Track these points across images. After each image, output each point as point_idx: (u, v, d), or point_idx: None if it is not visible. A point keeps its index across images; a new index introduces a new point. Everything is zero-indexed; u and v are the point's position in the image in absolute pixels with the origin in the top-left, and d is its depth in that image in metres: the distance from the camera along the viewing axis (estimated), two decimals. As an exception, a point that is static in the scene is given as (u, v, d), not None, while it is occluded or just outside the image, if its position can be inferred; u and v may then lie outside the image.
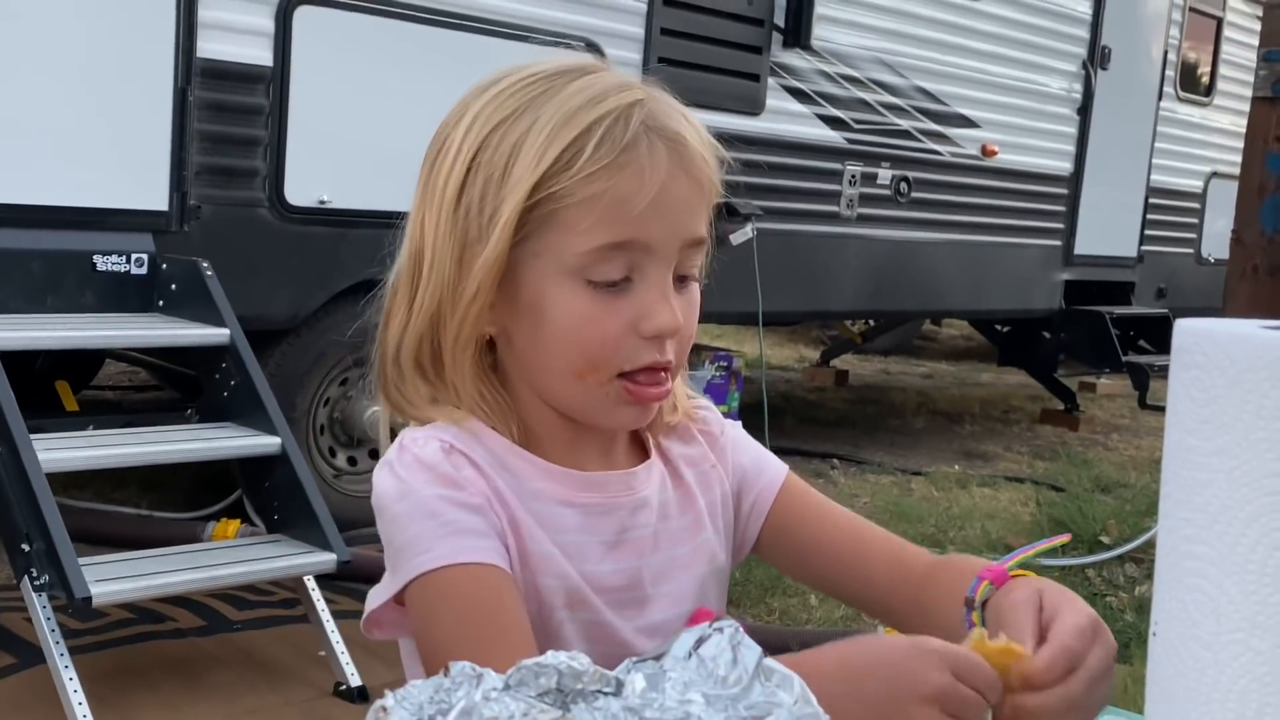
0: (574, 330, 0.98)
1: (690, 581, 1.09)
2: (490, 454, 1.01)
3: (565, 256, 0.97)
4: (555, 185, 0.96)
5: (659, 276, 0.98)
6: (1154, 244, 7.70)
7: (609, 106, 0.98)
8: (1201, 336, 0.56)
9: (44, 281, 3.53)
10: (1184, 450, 0.56)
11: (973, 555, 1.18)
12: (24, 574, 2.85)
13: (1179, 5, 7.56)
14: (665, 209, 0.97)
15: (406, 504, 0.97)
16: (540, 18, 4.59)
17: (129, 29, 3.65)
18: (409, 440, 1.01)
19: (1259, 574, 0.54)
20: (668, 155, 0.98)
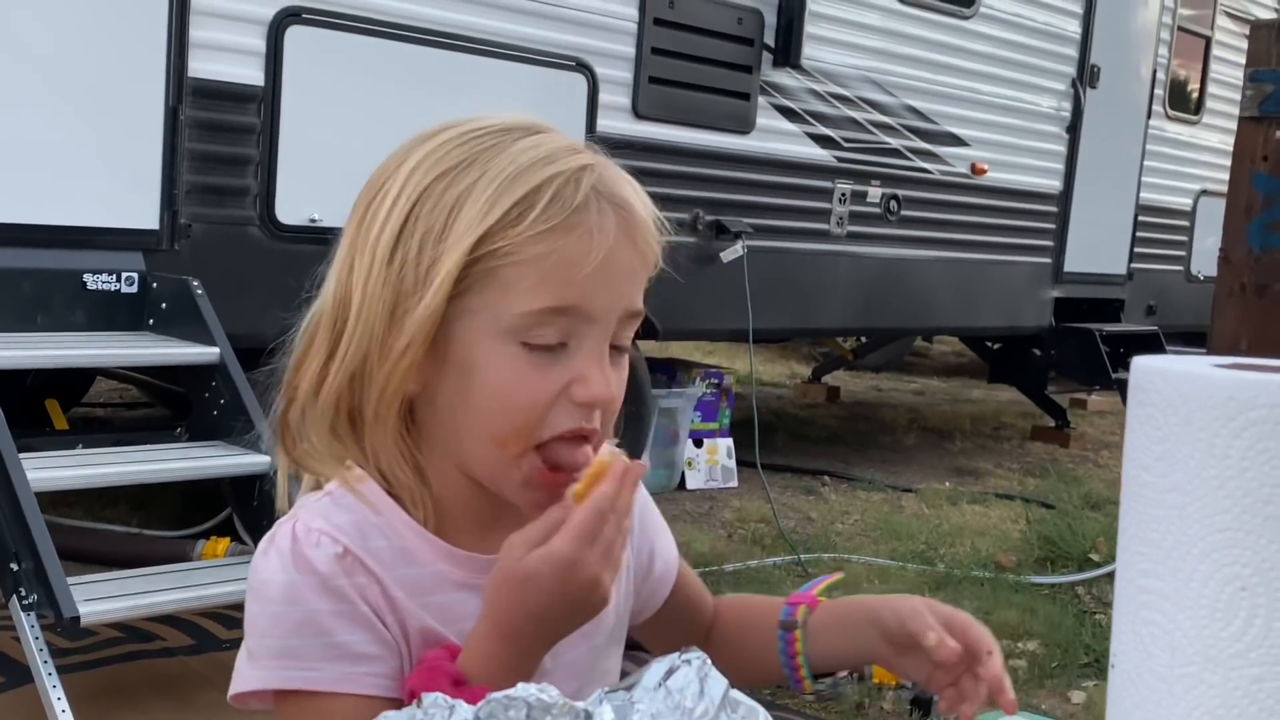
0: (503, 392, 0.94)
1: (587, 653, 1.06)
2: (388, 543, 0.98)
3: (503, 316, 0.94)
4: (500, 242, 0.93)
5: (596, 345, 0.95)
6: (1143, 261, 7.73)
7: (560, 167, 0.95)
8: (1155, 374, 0.57)
9: (34, 300, 3.53)
10: (1139, 486, 0.57)
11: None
12: (12, 593, 2.85)
13: (1167, 25, 7.60)
14: (610, 276, 0.95)
15: (295, 611, 0.94)
16: (531, 38, 4.61)
17: (120, 48, 3.66)
18: (302, 531, 0.97)
19: (1211, 609, 0.55)
20: (616, 221, 0.95)
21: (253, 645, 0.97)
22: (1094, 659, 3.85)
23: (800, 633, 1.12)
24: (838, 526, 5.36)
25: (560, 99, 4.76)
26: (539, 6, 4.63)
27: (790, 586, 4.37)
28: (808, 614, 1.13)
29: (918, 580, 4.51)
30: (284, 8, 3.96)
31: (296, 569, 0.95)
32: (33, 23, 3.50)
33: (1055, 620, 4.12)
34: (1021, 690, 3.62)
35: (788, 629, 1.12)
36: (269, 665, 0.96)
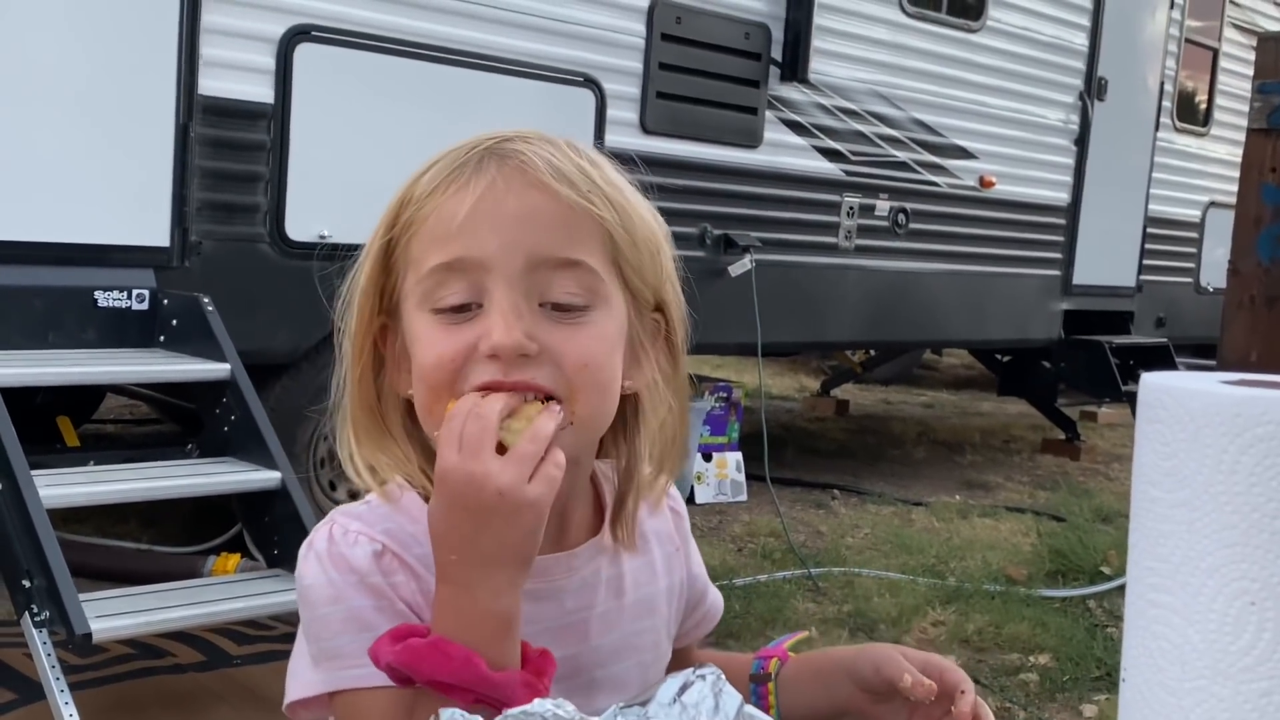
0: (420, 358, 0.96)
1: (635, 669, 1.05)
2: (427, 547, 0.97)
3: (413, 288, 0.96)
4: (405, 214, 0.97)
5: (501, 296, 0.94)
6: (1153, 273, 7.73)
7: (472, 141, 0.98)
8: (1163, 391, 0.57)
9: (45, 317, 3.55)
10: (1148, 501, 0.58)
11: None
12: (24, 610, 2.86)
13: (1175, 37, 7.61)
14: (499, 223, 0.94)
15: (338, 610, 0.96)
16: (540, 54, 4.63)
17: (131, 66, 3.68)
18: (339, 533, 0.99)
19: (1220, 623, 0.55)
20: (499, 170, 0.95)
21: (313, 650, 0.99)
22: (1105, 672, 3.84)
23: (773, 685, 1.11)
24: (848, 540, 5.35)
25: (568, 114, 4.78)
26: (547, 23, 4.65)
27: (801, 601, 4.37)
28: (779, 667, 1.13)
29: (928, 594, 4.50)
30: (293, 26, 3.98)
31: (335, 569, 0.97)
32: (44, 42, 3.52)
33: (1066, 634, 4.12)
34: (1032, 704, 3.61)
35: (759, 682, 1.12)
36: (323, 668, 0.97)
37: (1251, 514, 0.54)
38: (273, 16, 3.94)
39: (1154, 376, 0.59)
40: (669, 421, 1.04)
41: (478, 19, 4.44)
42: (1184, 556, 0.56)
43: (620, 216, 0.98)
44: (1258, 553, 0.55)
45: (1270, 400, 0.54)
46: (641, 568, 1.08)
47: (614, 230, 0.97)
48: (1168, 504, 0.57)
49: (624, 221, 0.98)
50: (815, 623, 4.16)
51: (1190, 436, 0.56)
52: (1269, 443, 0.54)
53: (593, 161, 1.00)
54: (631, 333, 1.00)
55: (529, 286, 0.94)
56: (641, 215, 1.01)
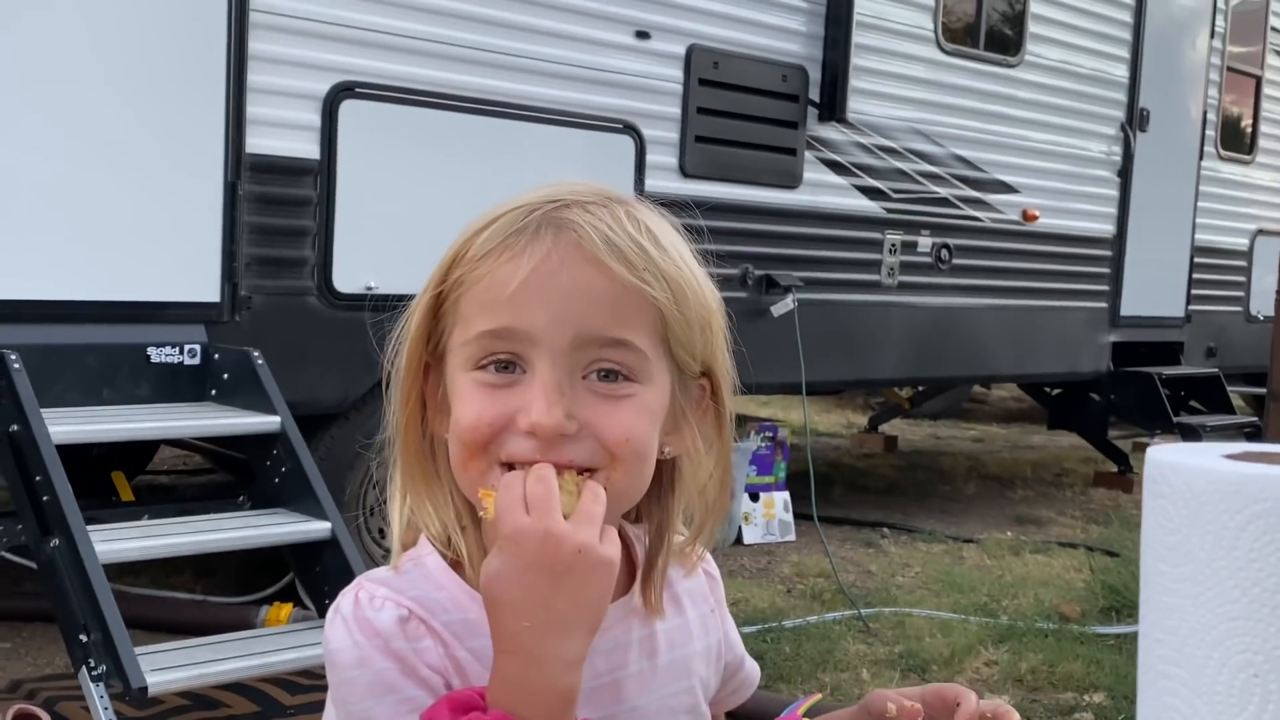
0: (460, 416, 0.96)
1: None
2: (453, 617, 0.98)
3: (458, 348, 0.97)
4: (456, 273, 0.97)
5: (545, 372, 0.93)
6: (1201, 303, 7.66)
7: (521, 201, 0.98)
8: (1165, 467, 0.59)
9: (100, 374, 3.62)
10: (1155, 575, 0.59)
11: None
12: (82, 664, 2.92)
13: (1216, 65, 7.58)
14: (550, 297, 0.93)
15: (364, 674, 0.95)
16: (580, 103, 4.69)
17: (180, 126, 3.77)
18: (365, 598, 0.98)
19: (1226, 695, 0.57)
20: (557, 241, 0.94)
21: (340, 715, 0.98)
22: (1161, 711, 3.79)
23: None
24: (898, 579, 5.33)
25: (609, 161, 4.83)
26: (586, 72, 4.71)
27: (851, 642, 4.35)
28: None
29: (981, 633, 4.47)
30: (337, 83, 4.06)
31: (362, 633, 0.96)
32: (95, 105, 3.61)
33: (1121, 671, 4.07)
34: (1088, 744, 3.57)
35: None
36: None
37: (1252, 589, 0.56)
38: (317, 75, 4.02)
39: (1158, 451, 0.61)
40: (709, 487, 1.04)
41: (517, 70, 4.50)
42: (1190, 629, 0.57)
43: (674, 293, 0.97)
44: (1259, 626, 0.56)
45: (1267, 478, 0.55)
46: (676, 629, 1.07)
47: (665, 309, 0.96)
48: (1173, 578, 0.58)
49: (677, 298, 0.97)
50: (866, 664, 4.14)
51: (1192, 512, 0.57)
52: (1266, 519, 0.55)
53: (650, 231, 0.97)
54: (673, 401, 1.00)
55: (574, 363, 0.94)
56: (695, 288, 0.99)
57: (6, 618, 4.22)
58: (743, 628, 4.41)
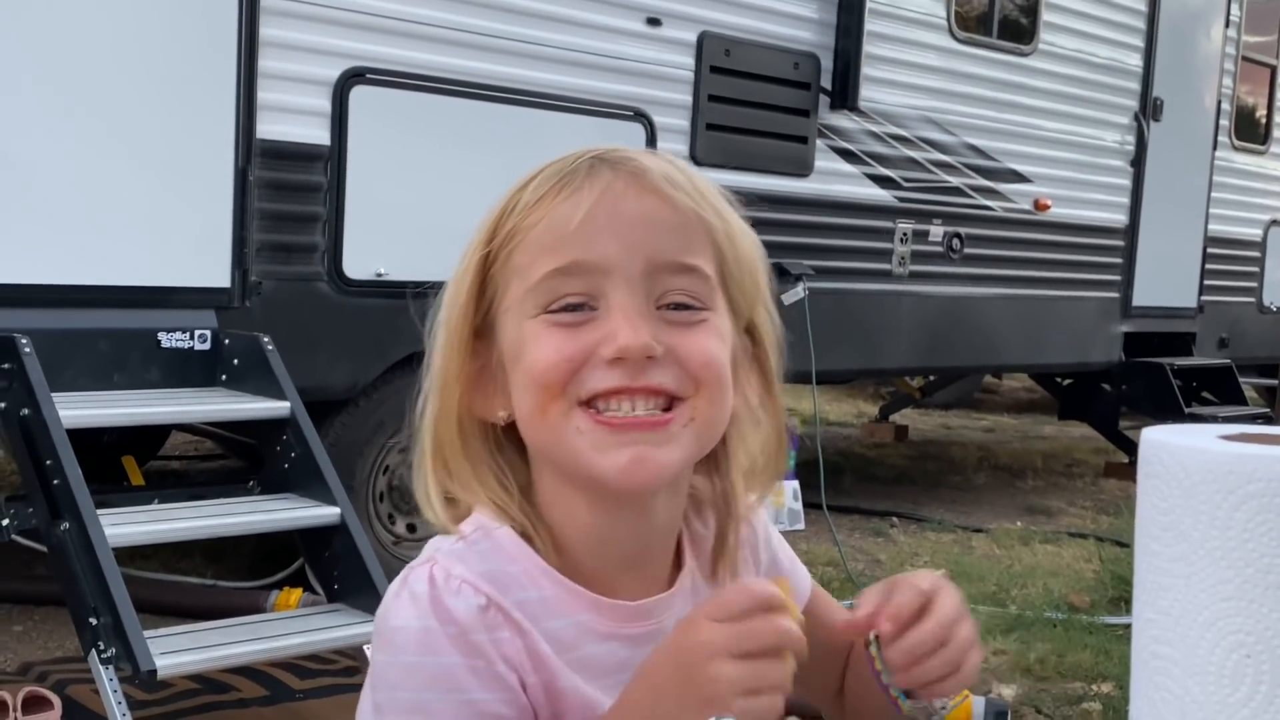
0: (534, 360, 0.93)
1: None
2: (529, 595, 0.95)
3: (524, 298, 0.94)
4: (507, 224, 0.95)
5: (623, 299, 0.92)
6: (1214, 294, 7.63)
7: (575, 153, 0.97)
8: (1160, 448, 0.59)
9: (111, 359, 3.63)
10: (1149, 555, 0.59)
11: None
12: (91, 647, 2.93)
13: (1231, 55, 7.54)
14: (616, 225, 0.93)
15: (430, 662, 0.91)
16: (591, 89, 4.68)
17: (191, 113, 3.77)
18: (441, 577, 0.94)
19: (1218, 675, 0.56)
20: (615, 175, 0.94)
21: (381, 698, 0.93)
22: (1169, 701, 3.79)
23: (874, 650, 1.00)
24: (907, 568, 5.31)
25: (620, 148, 4.82)
26: (597, 59, 4.70)
27: (859, 630, 4.34)
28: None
29: (989, 622, 4.47)
30: (348, 69, 4.06)
31: (436, 618, 0.91)
32: (106, 91, 3.62)
33: (1130, 662, 4.06)
34: (1095, 733, 3.57)
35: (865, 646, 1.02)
36: (400, 717, 0.92)
37: (1245, 569, 0.56)
38: (327, 60, 4.02)
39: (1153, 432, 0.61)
40: (768, 443, 1.03)
41: (528, 57, 4.50)
42: (1183, 609, 0.57)
43: (728, 228, 0.98)
44: (1252, 606, 0.56)
45: (1261, 458, 0.55)
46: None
47: (721, 242, 0.97)
48: (1166, 558, 0.58)
49: (730, 234, 0.98)
50: (874, 652, 4.14)
51: (1186, 493, 0.57)
52: (1260, 499, 0.55)
53: (698, 176, 0.99)
54: (731, 347, 0.99)
55: (648, 290, 0.93)
56: (744, 232, 1.01)
57: (18, 601, 4.24)
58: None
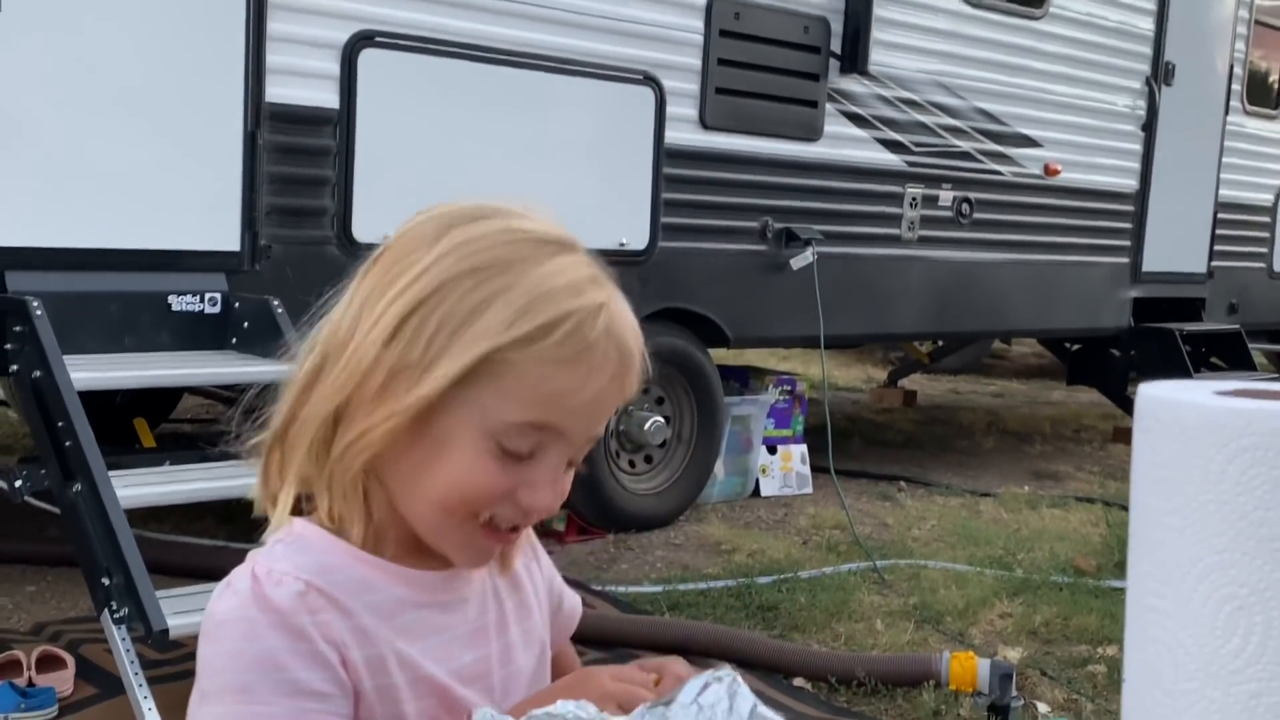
0: (466, 478, 1.00)
1: (530, 662, 1.14)
2: (348, 573, 1.02)
3: (490, 416, 0.99)
4: (511, 354, 0.98)
5: (557, 460, 1.02)
6: (1224, 259, 7.61)
7: (583, 302, 1.00)
8: (1155, 403, 0.59)
9: (121, 322, 3.65)
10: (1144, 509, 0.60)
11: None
12: (104, 607, 2.96)
13: (1244, 19, 7.48)
14: (594, 409, 1.01)
15: (252, 647, 0.97)
16: (599, 53, 4.67)
17: (200, 76, 3.77)
18: (263, 572, 1.00)
19: (1210, 627, 0.57)
20: (615, 365, 1.01)
21: (205, 685, 0.99)
22: (1174, 664, 3.80)
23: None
24: (914, 532, 5.34)
25: (628, 112, 4.82)
26: (606, 22, 4.68)
27: (866, 593, 4.38)
28: None
29: (996, 585, 4.49)
30: (357, 31, 4.05)
31: (257, 607, 0.98)
32: (115, 55, 3.62)
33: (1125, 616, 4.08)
34: (1100, 696, 3.60)
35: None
36: (224, 701, 0.98)
37: (1238, 521, 0.57)
38: (336, 23, 4.02)
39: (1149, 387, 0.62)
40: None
41: (537, 20, 4.48)
42: (1176, 562, 0.58)
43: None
44: (1245, 559, 0.57)
45: (1255, 412, 0.56)
46: (509, 581, 1.16)
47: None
48: (1161, 511, 0.59)
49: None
50: (881, 615, 4.17)
51: (1181, 447, 0.58)
52: (1254, 453, 0.56)
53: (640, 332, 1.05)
54: None
55: (574, 453, 1.03)
56: None
57: (31, 561, 4.28)
58: (758, 578, 4.45)
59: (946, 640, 3.96)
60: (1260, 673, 0.55)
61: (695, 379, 5.25)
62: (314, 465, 1.03)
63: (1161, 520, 0.60)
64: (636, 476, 5.22)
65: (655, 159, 4.89)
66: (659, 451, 5.27)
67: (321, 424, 1.01)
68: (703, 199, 5.06)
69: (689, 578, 4.51)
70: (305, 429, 1.02)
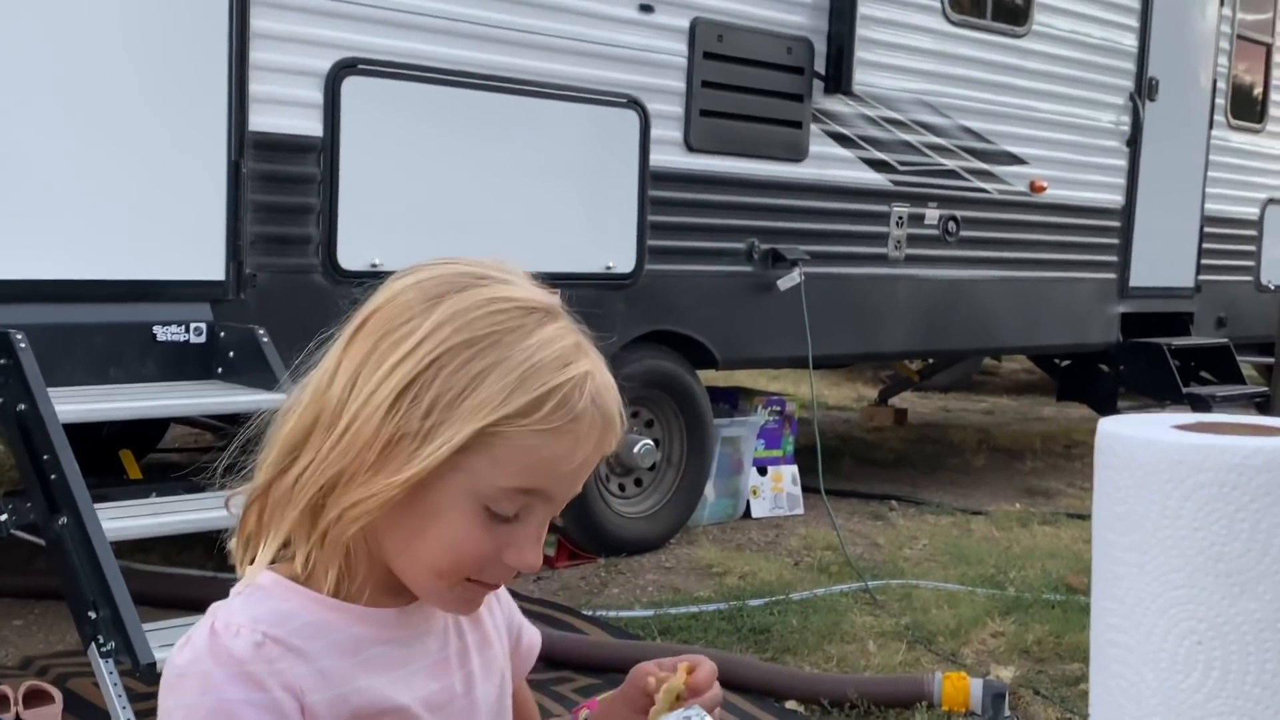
0: (456, 543, 1.04)
1: (492, 692, 1.18)
2: (305, 618, 1.05)
3: (482, 484, 1.03)
4: (504, 427, 1.01)
5: (542, 520, 1.06)
6: (1211, 273, 7.63)
7: (570, 375, 1.04)
8: (1114, 438, 0.59)
9: (106, 353, 3.64)
10: (1105, 544, 0.60)
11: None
12: (91, 640, 2.94)
13: (1226, 34, 7.52)
14: (579, 473, 1.06)
15: (207, 700, 1.00)
16: (584, 77, 4.68)
17: (184, 105, 3.77)
18: (221, 626, 1.03)
19: (1171, 662, 0.57)
20: (601, 433, 1.06)
21: None
22: (1166, 681, 3.79)
23: None
24: (905, 552, 5.34)
25: (613, 136, 4.83)
26: (590, 46, 4.70)
27: (858, 614, 4.37)
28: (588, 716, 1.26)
29: (988, 604, 4.48)
30: (340, 60, 4.06)
31: (214, 661, 1.01)
32: (100, 85, 3.62)
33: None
34: (1092, 714, 3.58)
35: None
36: None
37: (1196, 557, 0.56)
38: (319, 51, 4.03)
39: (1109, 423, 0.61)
40: None
41: (520, 45, 4.49)
42: (1137, 597, 0.58)
43: None
44: (1203, 594, 0.56)
45: (1210, 448, 0.56)
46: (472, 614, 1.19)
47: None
48: (1121, 547, 0.59)
49: None
50: (873, 636, 4.16)
51: (1139, 483, 0.58)
52: (1210, 489, 0.56)
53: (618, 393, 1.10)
54: None
55: (556, 512, 1.08)
56: None
57: (18, 595, 4.26)
58: (750, 601, 4.44)
59: (939, 660, 3.96)
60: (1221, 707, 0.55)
61: (684, 401, 5.25)
62: (304, 526, 1.06)
63: (1121, 556, 0.59)
64: (626, 500, 5.21)
65: (640, 182, 4.90)
66: (649, 475, 5.26)
67: (319, 491, 1.04)
68: (689, 221, 5.07)
69: (680, 601, 4.49)
70: (302, 492, 1.04)
